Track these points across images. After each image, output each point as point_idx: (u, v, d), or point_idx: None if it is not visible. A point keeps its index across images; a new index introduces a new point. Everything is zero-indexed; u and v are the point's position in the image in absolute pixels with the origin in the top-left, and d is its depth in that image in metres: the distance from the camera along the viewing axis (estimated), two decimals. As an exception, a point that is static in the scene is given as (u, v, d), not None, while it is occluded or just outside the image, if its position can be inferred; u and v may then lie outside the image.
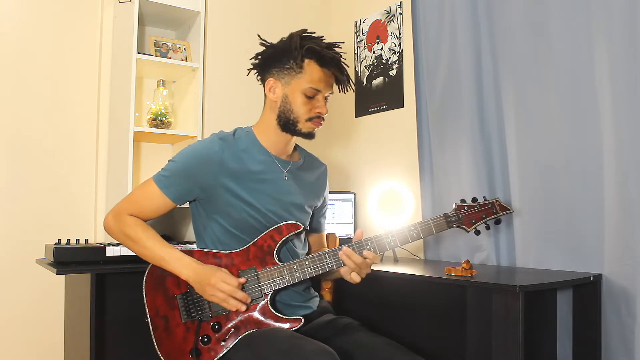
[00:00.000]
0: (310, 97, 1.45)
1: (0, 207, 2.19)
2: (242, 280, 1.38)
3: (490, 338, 1.52)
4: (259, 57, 1.52)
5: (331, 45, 1.47)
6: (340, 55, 1.48)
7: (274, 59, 1.48)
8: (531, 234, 1.90)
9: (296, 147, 1.61)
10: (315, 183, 1.63)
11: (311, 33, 1.48)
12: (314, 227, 1.67)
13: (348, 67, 1.51)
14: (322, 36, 1.49)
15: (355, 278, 1.41)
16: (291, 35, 1.47)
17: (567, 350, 1.78)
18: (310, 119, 1.46)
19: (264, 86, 1.52)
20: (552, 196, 1.85)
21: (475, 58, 2.09)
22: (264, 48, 1.51)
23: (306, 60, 1.43)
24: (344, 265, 1.40)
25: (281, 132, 1.49)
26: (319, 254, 1.42)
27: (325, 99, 1.48)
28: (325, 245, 1.73)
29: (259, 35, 1.52)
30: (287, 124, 1.47)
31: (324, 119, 1.49)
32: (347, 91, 1.53)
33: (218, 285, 1.35)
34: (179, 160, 1.46)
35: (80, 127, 2.35)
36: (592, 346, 1.68)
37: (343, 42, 1.50)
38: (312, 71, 1.44)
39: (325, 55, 1.43)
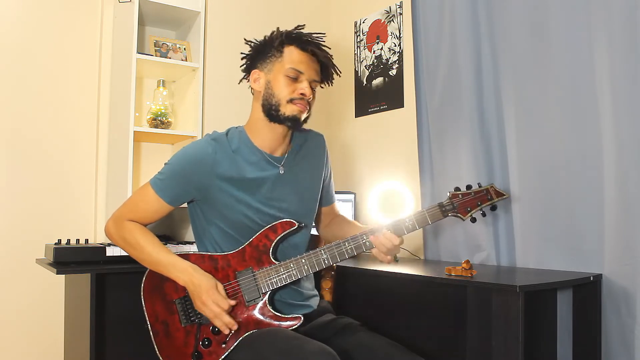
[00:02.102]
0: (292, 79, 1.43)
1: (0, 207, 2.19)
2: (232, 302, 1.38)
3: (490, 338, 1.52)
4: (246, 57, 1.53)
5: (311, 33, 1.47)
6: (323, 44, 1.47)
7: (258, 53, 1.49)
8: (531, 234, 1.89)
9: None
10: (313, 159, 1.60)
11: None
12: (323, 199, 1.66)
13: (329, 48, 1.49)
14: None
15: (387, 258, 1.43)
16: (273, 31, 1.49)
17: (567, 350, 1.78)
18: (291, 100, 1.43)
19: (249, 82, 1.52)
20: (552, 196, 1.85)
21: (475, 58, 2.09)
22: (250, 48, 1.52)
23: (286, 45, 1.44)
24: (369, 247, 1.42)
25: (269, 124, 1.47)
26: (315, 250, 1.42)
27: (311, 86, 1.46)
28: (338, 214, 1.72)
29: (245, 39, 1.53)
30: (270, 111, 1.45)
31: (310, 105, 1.46)
32: (332, 80, 1.51)
33: (208, 304, 1.35)
34: (173, 163, 1.46)
35: (80, 127, 2.35)
36: (592, 346, 1.68)
37: (324, 34, 1.50)
38: (291, 53, 1.44)
39: (302, 37, 1.44)
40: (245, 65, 1.54)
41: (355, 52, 2.80)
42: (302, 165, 1.56)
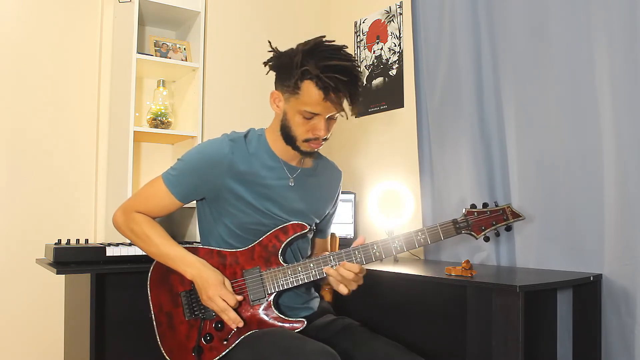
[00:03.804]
0: (308, 118, 1.38)
1: (0, 207, 2.19)
2: (239, 298, 1.38)
3: (490, 338, 1.52)
4: (268, 64, 1.44)
5: (332, 68, 1.30)
6: (346, 76, 1.31)
7: (277, 72, 1.42)
8: (531, 233, 1.89)
9: None
10: (324, 190, 1.59)
11: (329, 41, 1.36)
12: (319, 231, 1.65)
13: (361, 73, 1.36)
14: (345, 45, 1.35)
15: (342, 290, 1.38)
16: (297, 50, 1.35)
17: (567, 350, 1.78)
18: (307, 140, 1.41)
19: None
20: (552, 196, 1.85)
21: (475, 58, 2.09)
22: (272, 55, 1.43)
23: (305, 82, 1.33)
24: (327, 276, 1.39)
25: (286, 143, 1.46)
26: (323, 256, 1.40)
27: (330, 118, 1.40)
28: (329, 250, 1.70)
29: (269, 42, 1.43)
30: (288, 139, 1.43)
31: (326, 139, 1.42)
32: (354, 113, 1.41)
33: (214, 299, 1.35)
34: (187, 159, 1.45)
35: (80, 127, 2.35)
36: (592, 346, 1.68)
37: (355, 60, 1.36)
38: (309, 93, 1.33)
39: (322, 79, 1.30)
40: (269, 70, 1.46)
41: (355, 52, 2.80)
42: (312, 186, 1.54)
